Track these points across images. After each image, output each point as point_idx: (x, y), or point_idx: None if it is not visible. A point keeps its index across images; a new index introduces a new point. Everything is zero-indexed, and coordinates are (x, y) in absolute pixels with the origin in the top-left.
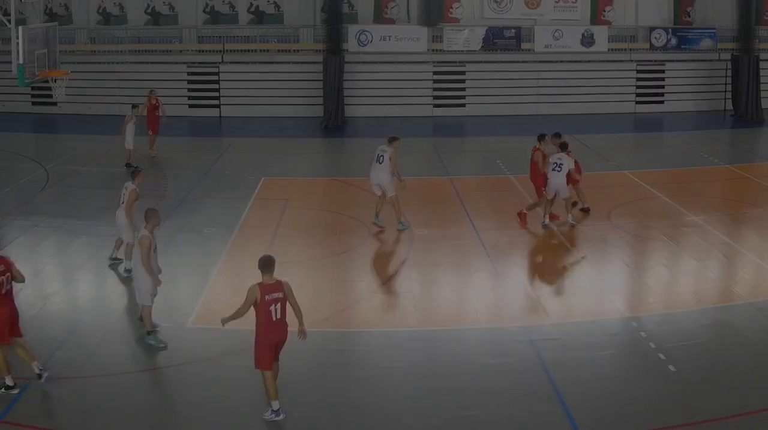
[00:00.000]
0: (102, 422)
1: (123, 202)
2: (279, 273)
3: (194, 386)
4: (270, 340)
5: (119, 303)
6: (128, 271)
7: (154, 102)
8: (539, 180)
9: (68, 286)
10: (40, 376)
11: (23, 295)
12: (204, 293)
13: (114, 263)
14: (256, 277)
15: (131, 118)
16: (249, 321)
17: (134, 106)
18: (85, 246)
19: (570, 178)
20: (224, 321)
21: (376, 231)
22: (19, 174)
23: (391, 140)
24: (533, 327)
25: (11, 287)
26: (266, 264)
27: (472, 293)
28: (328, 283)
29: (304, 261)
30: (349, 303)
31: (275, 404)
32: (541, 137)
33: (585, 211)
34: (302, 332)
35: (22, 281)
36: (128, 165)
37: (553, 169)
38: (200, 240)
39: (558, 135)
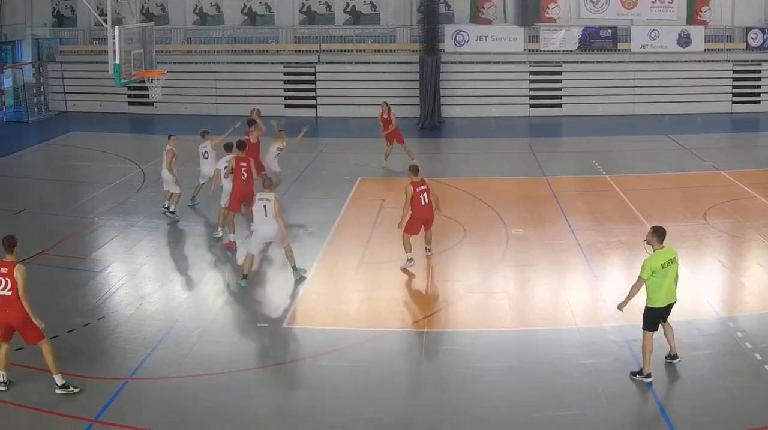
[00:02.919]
0: (197, 422)
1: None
2: (375, 273)
3: (289, 386)
4: (420, 217)
5: (214, 303)
6: (172, 212)
7: (387, 116)
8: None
9: (164, 286)
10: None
11: (120, 295)
12: (300, 292)
13: (166, 212)
14: (351, 278)
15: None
16: (344, 322)
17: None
18: (180, 246)
19: None
20: (400, 225)
21: None
22: (116, 174)
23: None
24: (629, 327)
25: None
26: (413, 169)
27: (567, 293)
28: (423, 283)
29: (399, 261)
30: (445, 303)
31: (408, 255)
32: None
33: None
34: (438, 210)
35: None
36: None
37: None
38: (296, 240)
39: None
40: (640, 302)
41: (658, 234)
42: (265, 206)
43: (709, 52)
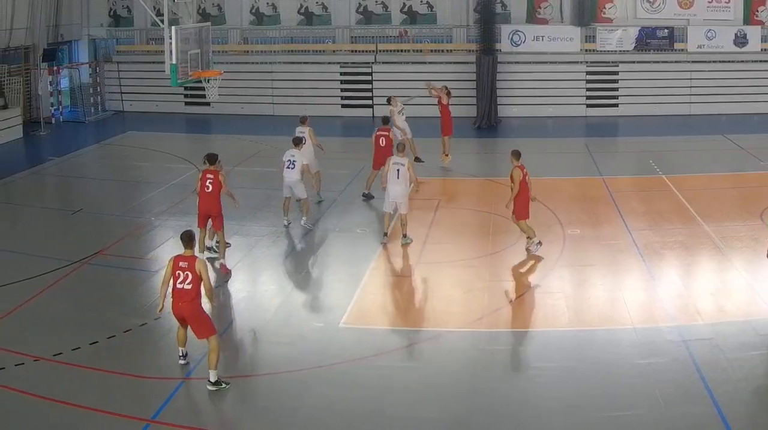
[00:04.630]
0: (254, 422)
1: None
2: (431, 273)
3: (345, 386)
4: (528, 198)
5: (271, 303)
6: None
7: (443, 101)
8: None
9: (220, 286)
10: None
11: None
12: (356, 292)
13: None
14: (408, 278)
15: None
16: (401, 321)
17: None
18: (236, 246)
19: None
20: (507, 205)
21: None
22: (172, 174)
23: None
24: (686, 327)
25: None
26: (516, 153)
27: (624, 293)
28: (480, 283)
29: (456, 261)
30: (502, 303)
31: (535, 239)
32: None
33: None
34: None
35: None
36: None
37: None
38: (352, 240)
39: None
40: (696, 299)
41: None
42: (398, 170)
43: (766, 53)
